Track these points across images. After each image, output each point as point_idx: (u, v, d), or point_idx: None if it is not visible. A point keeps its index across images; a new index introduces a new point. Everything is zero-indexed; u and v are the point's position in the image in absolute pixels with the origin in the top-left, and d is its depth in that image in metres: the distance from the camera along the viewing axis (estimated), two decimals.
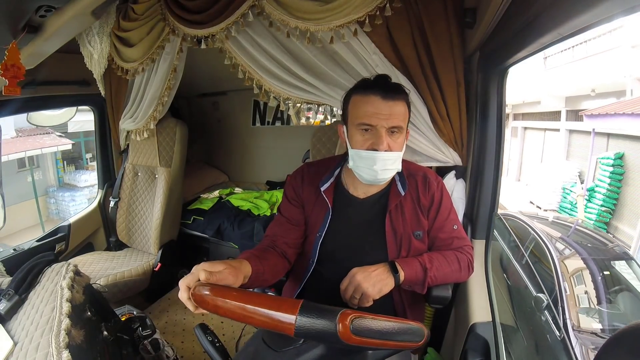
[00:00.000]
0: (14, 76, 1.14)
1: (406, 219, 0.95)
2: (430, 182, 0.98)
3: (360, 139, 0.87)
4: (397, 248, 0.95)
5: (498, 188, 1.17)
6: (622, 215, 5.29)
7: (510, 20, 0.85)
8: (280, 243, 0.98)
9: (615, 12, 0.51)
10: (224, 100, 2.85)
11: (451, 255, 0.96)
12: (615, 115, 5.41)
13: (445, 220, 0.98)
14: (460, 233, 1.00)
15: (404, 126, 0.87)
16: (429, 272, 0.89)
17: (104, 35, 1.49)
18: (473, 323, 0.97)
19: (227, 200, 2.38)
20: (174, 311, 1.89)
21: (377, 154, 0.85)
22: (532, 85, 7.88)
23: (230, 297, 0.56)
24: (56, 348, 0.65)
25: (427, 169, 1.04)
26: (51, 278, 0.89)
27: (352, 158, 0.90)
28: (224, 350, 0.69)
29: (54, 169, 8.45)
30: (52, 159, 8.31)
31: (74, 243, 2.00)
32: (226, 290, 0.59)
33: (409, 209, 0.96)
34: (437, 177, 1.02)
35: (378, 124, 0.84)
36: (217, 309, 0.57)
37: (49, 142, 7.70)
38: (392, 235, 0.95)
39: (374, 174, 0.87)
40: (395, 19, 1.08)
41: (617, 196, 5.45)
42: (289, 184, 1.04)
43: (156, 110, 1.74)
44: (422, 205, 0.97)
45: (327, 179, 0.98)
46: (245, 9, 1.15)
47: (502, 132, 1.13)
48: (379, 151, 0.84)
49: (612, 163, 5.51)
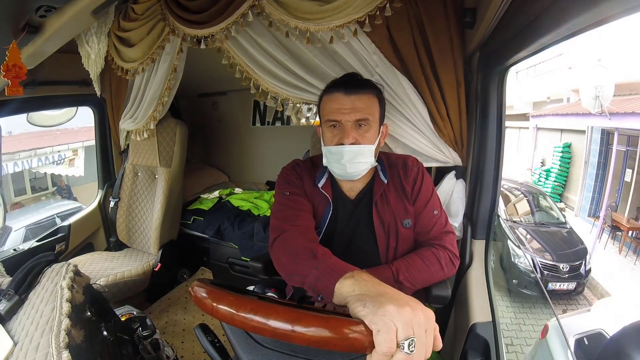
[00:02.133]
0: (16, 76, 1.14)
1: (392, 208, 0.96)
2: (409, 167, 0.99)
3: (329, 136, 0.91)
4: (385, 238, 0.96)
5: (498, 188, 1.17)
6: (570, 187, 7.77)
7: (510, 20, 0.85)
8: (310, 225, 0.93)
9: (615, 12, 0.51)
10: (224, 100, 2.85)
11: (431, 257, 0.92)
12: (550, 115, 8.35)
13: (426, 204, 0.97)
14: (440, 219, 0.98)
15: (371, 119, 0.89)
16: (404, 283, 0.88)
17: (101, 35, 1.48)
18: (473, 323, 0.97)
19: (227, 201, 2.38)
20: (174, 311, 1.89)
21: (344, 147, 0.87)
22: (507, 93, 9.14)
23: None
24: (56, 348, 0.65)
25: (407, 156, 1.04)
26: (51, 278, 0.89)
27: (325, 155, 0.94)
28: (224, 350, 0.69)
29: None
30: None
31: (74, 243, 2.00)
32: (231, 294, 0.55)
33: (394, 198, 0.97)
34: (418, 162, 1.02)
35: (342, 118, 0.87)
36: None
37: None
38: (380, 225, 0.95)
39: (343, 167, 0.90)
40: (395, 19, 1.08)
41: (566, 174, 7.87)
42: (287, 174, 1.02)
43: (156, 111, 1.74)
44: (406, 191, 0.97)
45: (321, 175, 0.99)
46: (245, 9, 1.15)
47: (502, 132, 1.13)
48: (345, 145, 0.87)
49: (562, 150, 7.88)
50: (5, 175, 7.01)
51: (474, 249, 1.19)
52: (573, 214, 7.16)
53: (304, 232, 0.87)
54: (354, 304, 0.48)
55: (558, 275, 3.93)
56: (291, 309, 0.47)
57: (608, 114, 5.23)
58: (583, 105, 5.70)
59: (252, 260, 1.18)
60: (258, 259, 1.17)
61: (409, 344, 0.43)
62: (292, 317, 0.45)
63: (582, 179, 7.10)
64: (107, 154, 2.21)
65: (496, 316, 0.99)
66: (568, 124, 7.31)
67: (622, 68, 5.65)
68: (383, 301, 0.46)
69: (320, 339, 0.44)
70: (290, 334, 0.45)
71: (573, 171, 7.64)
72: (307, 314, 0.46)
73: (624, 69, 5.65)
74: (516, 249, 3.87)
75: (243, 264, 2.11)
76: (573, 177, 7.59)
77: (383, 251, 0.96)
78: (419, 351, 0.44)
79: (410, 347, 0.43)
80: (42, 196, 8.03)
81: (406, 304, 0.46)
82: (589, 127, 6.84)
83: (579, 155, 7.41)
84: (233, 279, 2.16)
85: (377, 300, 0.47)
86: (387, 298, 0.47)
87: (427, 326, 0.45)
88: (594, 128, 6.74)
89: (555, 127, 8.23)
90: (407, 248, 0.98)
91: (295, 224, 0.89)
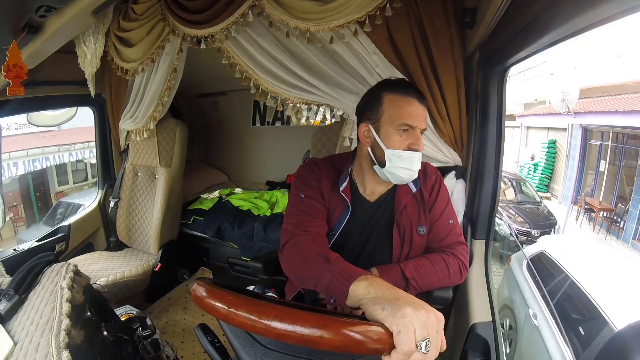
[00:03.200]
0: (17, 76, 1.14)
1: (409, 215, 0.96)
2: (428, 175, 1.00)
3: (398, 139, 0.88)
4: (400, 243, 0.96)
5: (498, 188, 1.17)
6: (555, 179, 8.88)
7: (510, 20, 0.85)
8: (322, 232, 0.93)
9: (615, 12, 0.51)
10: (224, 100, 2.85)
11: (440, 262, 0.92)
12: (532, 115, 9.62)
13: (442, 212, 0.97)
14: (454, 228, 0.99)
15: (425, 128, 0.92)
16: (410, 281, 0.88)
17: (99, 35, 1.48)
18: (473, 323, 0.97)
19: (227, 201, 2.38)
20: (174, 311, 1.89)
21: (416, 154, 0.88)
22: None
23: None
24: (56, 348, 0.65)
25: (426, 163, 1.04)
26: (51, 278, 0.89)
27: (389, 158, 0.88)
28: (224, 350, 0.69)
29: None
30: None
31: (74, 243, 2.00)
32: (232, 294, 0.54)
33: (412, 205, 0.97)
34: (436, 171, 1.03)
35: (418, 125, 0.88)
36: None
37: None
38: (397, 231, 0.95)
39: (412, 173, 0.89)
40: (395, 19, 1.08)
41: (552, 167, 8.97)
42: (305, 175, 0.99)
43: (156, 111, 1.74)
44: (424, 199, 0.97)
45: (344, 178, 0.97)
46: (245, 9, 1.15)
47: (502, 132, 1.13)
48: (419, 151, 0.88)
49: (547, 146, 9.00)
50: (50, 167, 7.75)
51: (474, 249, 1.19)
52: (557, 201, 8.22)
53: (315, 238, 0.87)
54: (372, 307, 0.50)
55: (531, 238, 5.21)
56: (316, 315, 0.47)
57: (573, 113, 6.43)
58: (553, 106, 6.70)
59: (252, 260, 1.18)
60: (258, 259, 1.17)
61: (426, 344, 0.45)
62: (320, 323, 0.45)
63: (564, 171, 8.23)
64: (107, 154, 2.21)
65: (496, 316, 0.99)
66: (552, 122, 8.46)
67: (597, 73, 6.78)
68: (400, 304, 0.48)
69: (348, 344, 0.45)
70: (318, 340, 0.45)
71: (558, 164, 8.80)
72: (334, 320, 0.46)
73: (598, 74, 6.77)
74: (497, 220, 5.01)
75: (243, 264, 2.11)
76: (558, 169, 8.76)
77: (396, 256, 0.96)
78: (433, 351, 0.46)
79: (427, 347, 0.45)
80: (84, 186, 8.58)
81: (421, 307, 0.48)
82: (569, 125, 7.82)
83: (563, 150, 8.54)
84: (233, 279, 2.16)
85: (394, 303, 0.48)
86: (404, 301, 0.49)
87: (438, 328, 0.48)
88: (574, 125, 7.67)
89: (542, 125, 9.34)
90: (419, 255, 0.98)
91: (306, 230, 0.89)
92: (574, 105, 6.23)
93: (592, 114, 6.41)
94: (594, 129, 7.15)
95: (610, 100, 6.35)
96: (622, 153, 6.51)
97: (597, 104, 6.47)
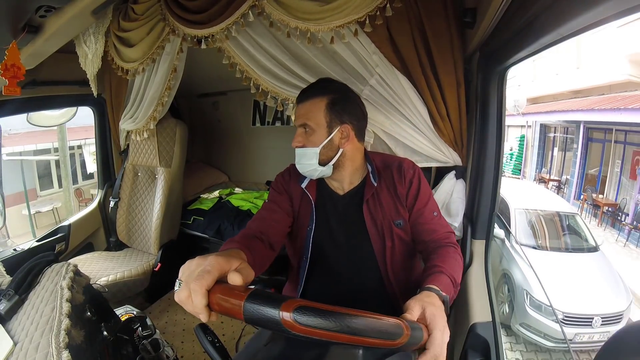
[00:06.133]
0: (14, 76, 1.14)
1: (384, 209, 0.97)
2: (405, 170, 0.99)
3: None
4: (380, 238, 0.96)
5: (498, 188, 1.17)
6: (526, 165, 11.45)
7: (510, 20, 0.85)
8: (268, 232, 0.94)
9: (615, 12, 0.51)
10: (224, 100, 2.84)
11: (453, 254, 0.89)
12: (509, 115, 10.88)
13: (424, 206, 0.97)
14: (441, 220, 0.99)
15: (311, 123, 0.93)
16: (455, 286, 0.83)
17: (99, 35, 1.48)
18: (473, 323, 0.97)
19: (227, 201, 2.37)
20: (174, 311, 1.89)
21: (295, 150, 0.96)
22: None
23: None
24: (56, 348, 0.65)
25: (403, 158, 1.04)
26: (51, 278, 0.89)
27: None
28: (224, 350, 0.69)
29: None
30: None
31: (74, 243, 2.00)
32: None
33: (386, 199, 0.97)
34: (414, 165, 1.01)
35: (296, 123, 0.97)
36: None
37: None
38: (373, 225, 0.96)
39: (301, 167, 0.97)
40: (396, 19, 1.08)
41: (522, 156, 11.56)
42: (277, 180, 1.10)
43: (156, 111, 1.74)
44: (400, 194, 0.97)
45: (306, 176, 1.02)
46: (245, 9, 1.15)
47: (502, 132, 1.13)
48: (295, 147, 0.96)
49: (519, 140, 11.62)
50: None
51: (473, 249, 1.19)
52: (527, 180, 10.76)
53: (242, 235, 0.89)
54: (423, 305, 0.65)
55: None
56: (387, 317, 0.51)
57: (522, 114, 9.69)
58: (508, 110, 8.48)
59: None
60: None
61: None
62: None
63: (530, 158, 11.18)
64: (107, 154, 2.21)
65: (496, 316, 0.99)
66: (521, 121, 11.05)
67: (551, 84, 9.32)
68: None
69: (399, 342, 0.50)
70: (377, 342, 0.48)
71: (527, 154, 11.47)
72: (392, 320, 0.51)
73: (552, 84, 9.28)
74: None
75: None
76: (527, 158, 11.47)
77: (379, 251, 0.97)
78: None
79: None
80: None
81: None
82: (534, 123, 10.85)
83: (530, 142, 11.32)
84: None
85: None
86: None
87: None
88: (536, 122, 10.75)
89: (517, 124, 11.59)
90: (404, 250, 0.98)
91: (249, 227, 0.94)
92: (523, 109, 9.26)
93: (542, 114, 9.63)
94: (551, 125, 10.31)
95: (553, 103, 9.30)
96: (565, 141, 9.74)
97: (547, 107, 9.40)
